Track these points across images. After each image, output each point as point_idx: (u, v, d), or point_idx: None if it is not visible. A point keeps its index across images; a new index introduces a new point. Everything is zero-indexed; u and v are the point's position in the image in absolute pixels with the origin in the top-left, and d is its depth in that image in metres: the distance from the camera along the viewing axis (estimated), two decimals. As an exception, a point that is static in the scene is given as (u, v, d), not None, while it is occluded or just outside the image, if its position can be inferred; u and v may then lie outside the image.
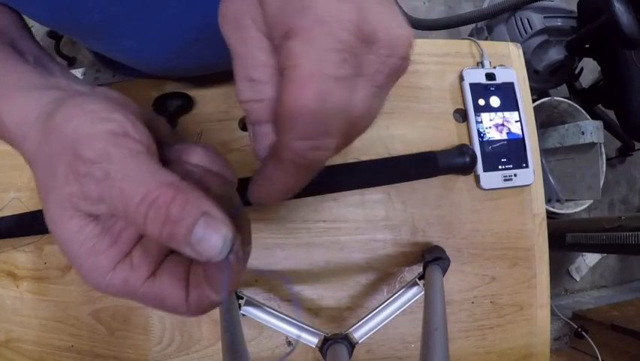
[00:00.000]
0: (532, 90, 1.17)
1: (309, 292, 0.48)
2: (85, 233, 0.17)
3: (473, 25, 1.27)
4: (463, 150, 0.48)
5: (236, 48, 0.18)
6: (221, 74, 0.47)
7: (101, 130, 0.17)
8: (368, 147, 0.49)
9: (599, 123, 1.17)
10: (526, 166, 0.50)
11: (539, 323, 0.50)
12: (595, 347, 1.03)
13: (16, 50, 0.25)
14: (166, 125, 0.23)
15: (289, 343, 0.47)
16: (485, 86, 0.51)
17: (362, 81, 0.16)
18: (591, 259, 1.47)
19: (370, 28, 0.15)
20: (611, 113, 1.25)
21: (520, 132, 0.51)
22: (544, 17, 1.11)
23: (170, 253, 0.19)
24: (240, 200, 0.21)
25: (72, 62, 1.30)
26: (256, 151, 0.19)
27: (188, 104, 0.48)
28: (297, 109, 0.15)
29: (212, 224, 0.16)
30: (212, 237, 0.16)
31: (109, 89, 0.22)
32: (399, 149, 0.50)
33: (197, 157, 0.20)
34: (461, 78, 0.52)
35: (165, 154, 0.20)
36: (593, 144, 1.17)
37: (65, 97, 0.20)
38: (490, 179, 0.50)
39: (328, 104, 0.15)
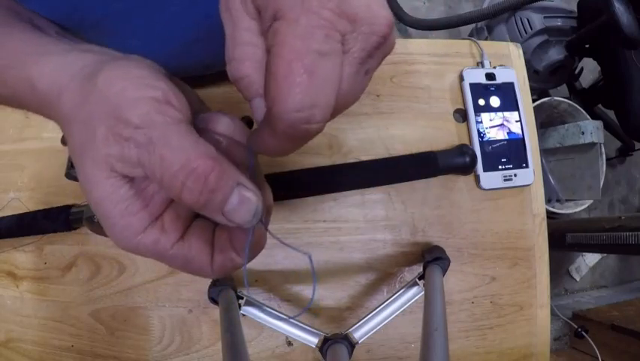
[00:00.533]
0: (532, 90, 1.17)
1: (309, 292, 0.48)
2: (119, 194, 0.18)
3: (473, 25, 1.27)
4: (463, 150, 0.48)
5: (227, 31, 0.19)
6: (222, 73, 0.47)
7: (146, 96, 0.18)
8: (368, 147, 0.49)
9: (599, 123, 1.17)
10: (526, 166, 0.50)
11: (539, 323, 0.50)
12: (595, 347, 1.03)
13: (36, 27, 0.25)
14: (194, 92, 0.23)
15: (289, 343, 0.47)
16: (485, 86, 0.51)
17: (346, 57, 0.17)
18: (591, 259, 1.47)
19: (351, 7, 0.16)
20: (611, 113, 1.25)
21: (520, 132, 0.51)
22: (544, 17, 1.11)
23: (197, 218, 0.20)
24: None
25: (72, 62, 1.30)
26: (257, 123, 0.19)
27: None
28: (285, 82, 0.16)
29: (245, 194, 0.17)
30: (244, 206, 0.17)
31: (144, 58, 0.22)
32: (399, 149, 0.50)
33: (223, 126, 0.21)
34: (461, 78, 0.52)
35: (195, 123, 0.20)
36: (593, 144, 1.17)
37: (107, 60, 0.20)
38: (490, 179, 0.50)
39: (314, 77, 0.16)
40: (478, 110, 0.51)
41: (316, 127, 0.17)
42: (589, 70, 1.36)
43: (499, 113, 0.51)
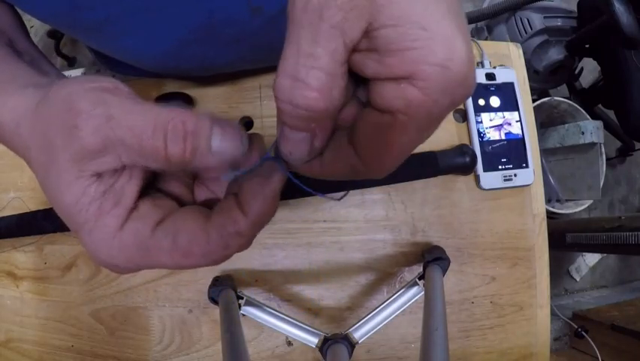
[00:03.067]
0: (532, 90, 1.17)
1: (309, 292, 0.48)
2: (90, 194, 0.17)
3: (473, 25, 1.27)
4: (463, 150, 0.48)
5: (294, 38, 0.15)
6: (221, 74, 0.47)
7: (93, 86, 0.17)
8: (368, 147, 0.49)
9: (599, 123, 1.17)
10: (526, 166, 0.50)
11: (539, 323, 0.50)
12: (595, 347, 1.03)
13: (14, 50, 0.26)
14: None
15: (289, 343, 0.47)
16: (485, 86, 0.51)
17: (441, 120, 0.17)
18: (591, 259, 1.47)
19: (474, 82, 0.16)
20: (611, 113, 1.25)
21: (520, 132, 0.51)
22: (544, 17, 1.11)
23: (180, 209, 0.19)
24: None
25: (72, 62, 1.30)
26: (283, 154, 0.18)
27: (188, 104, 0.48)
28: (396, 151, 0.17)
29: (224, 127, 0.17)
30: (229, 137, 0.17)
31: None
32: (399, 149, 0.50)
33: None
34: (461, 78, 0.52)
35: None
36: (593, 144, 1.17)
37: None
38: (490, 179, 0.49)
39: (410, 150, 0.17)
40: (478, 110, 0.51)
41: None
42: (589, 70, 1.36)
43: (499, 113, 0.51)
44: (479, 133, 0.50)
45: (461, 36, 0.15)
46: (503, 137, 0.51)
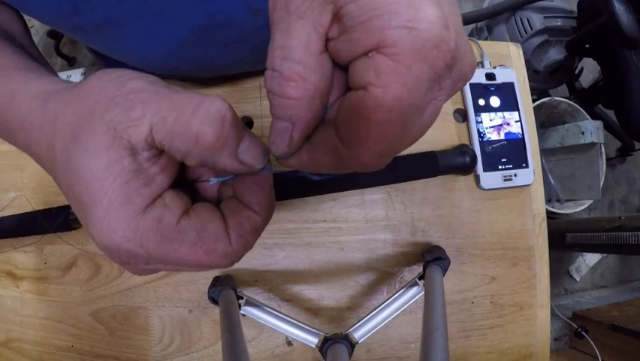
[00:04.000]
0: (532, 90, 1.17)
1: (309, 292, 0.48)
2: (122, 165, 0.16)
3: (473, 25, 1.27)
4: (463, 150, 0.48)
5: (275, 34, 0.16)
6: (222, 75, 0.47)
7: (141, 77, 0.18)
8: (368, 147, 0.49)
9: (599, 123, 1.17)
10: (526, 166, 0.50)
11: (539, 322, 0.50)
12: (595, 347, 1.03)
13: (26, 53, 0.26)
14: None
15: (289, 343, 0.47)
16: (485, 86, 0.51)
17: (432, 104, 0.16)
18: (591, 259, 1.47)
19: (460, 56, 0.15)
20: (611, 113, 1.25)
21: (520, 132, 0.51)
22: (544, 17, 1.11)
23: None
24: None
25: (72, 62, 1.30)
26: (273, 144, 0.18)
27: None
28: (378, 130, 0.15)
29: (254, 139, 0.18)
30: (254, 146, 0.18)
31: None
32: (399, 149, 0.50)
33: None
34: (461, 78, 0.52)
35: None
36: (593, 144, 1.17)
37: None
38: (490, 179, 0.49)
39: (405, 130, 0.15)
40: (478, 110, 0.51)
41: (382, 165, 0.17)
42: (589, 70, 1.36)
43: (499, 113, 0.51)
44: (479, 133, 0.50)
45: None
46: (503, 137, 0.51)
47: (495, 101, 0.51)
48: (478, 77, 0.51)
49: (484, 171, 0.49)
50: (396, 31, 0.14)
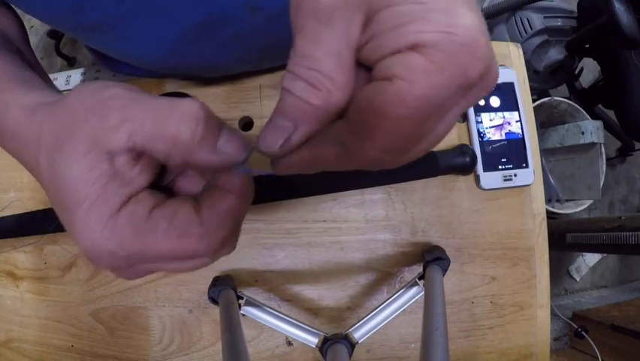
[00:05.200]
0: (532, 90, 1.17)
1: (309, 292, 0.48)
2: (100, 169, 0.17)
3: (473, 25, 1.27)
4: (463, 150, 0.48)
5: (304, 45, 0.16)
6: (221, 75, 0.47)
7: (120, 86, 0.18)
8: (368, 147, 0.49)
9: (599, 123, 1.17)
10: (526, 166, 0.50)
11: (539, 322, 0.50)
12: (595, 347, 1.03)
13: (24, 60, 0.27)
14: None
15: (289, 343, 0.47)
16: (485, 86, 0.51)
17: (452, 112, 0.16)
18: (591, 259, 1.47)
19: (492, 66, 0.15)
20: (611, 113, 1.25)
21: (520, 132, 0.51)
22: (544, 17, 1.11)
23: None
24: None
25: (72, 62, 1.30)
26: (264, 138, 0.18)
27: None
28: (394, 124, 0.14)
29: (232, 133, 0.18)
30: (233, 141, 0.18)
31: None
32: (399, 149, 0.50)
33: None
34: (461, 78, 0.52)
35: None
36: (593, 144, 1.17)
37: None
38: (490, 179, 0.49)
39: (421, 129, 0.15)
40: (478, 110, 0.51)
41: (386, 165, 0.16)
42: (589, 70, 1.36)
43: (499, 113, 0.51)
44: (479, 133, 0.50)
45: (463, 4, 0.14)
46: (503, 137, 0.51)
47: (495, 101, 0.51)
48: (478, 77, 0.51)
49: (484, 171, 0.49)
50: (434, 34, 0.14)
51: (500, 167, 0.50)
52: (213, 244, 0.18)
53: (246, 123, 0.50)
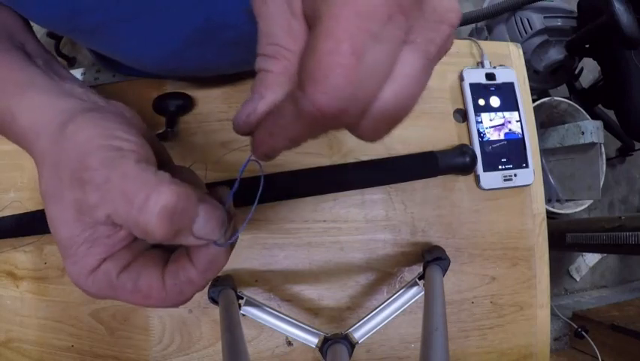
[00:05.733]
0: (532, 90, 1.17)
1: (309, 292, 0.48)
2: (83, 237, 0.19)
3: (473, 25, 1.27)
4: (463, 150, 0.48)
5: (260, 25, 0.18)
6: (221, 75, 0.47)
7: (109, 144, 0.19)
8: (368, 147, 0.49)
9: (599, 123, 1.17)
10: (526, 166, 0.50)
11: (539, 323, 0.50)
12: (595, 347, 1.03)
13: (26, 54, 0.26)
14: (165, 151, 0.25)
15: (289, 343, 0.47)
16: (485, 86, 0.51)
17: (411, 49, 0.15)
18: (591, 259, 1.47)
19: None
20: (611, 113, 1.25)
21: (520, 132, 0.51)
22: (544, 17, 1.11)
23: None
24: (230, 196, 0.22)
25: (72, 62, 1.30)
26: (236, 116, 0.18)
27: (188, 104, 0.48)
28: (327, 59, 0.13)
29: (210, 209, 0.18)
30: (213, 221, 0.18)
31: (124, 106, 0.23)
32: (399, 149, 0.50)
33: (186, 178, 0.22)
34: (461, 78, 0.52)
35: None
36: (593, 144, 1.17)
37: (80, 109, 0.21)
38: (490, 179, 0.50)
39: (362, 63, 0.13)
40: (478, 110, 0.51)
41: (348, 120, 0.15)
42: (589, 70, 1.37)
43: (499, 113, 0.51)
44: (479, 133, 0.50)
45: None
46: (503, 137, 0.51)
47: (495, 101, 0.51)
48: (478, 77, 0.51)
49: (484, 171, 0.49)
50: None
51: (500, 167, 0.50)
52: (175, 303, 0.20)
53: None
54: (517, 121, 0.51)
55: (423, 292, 0.40)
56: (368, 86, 0.14)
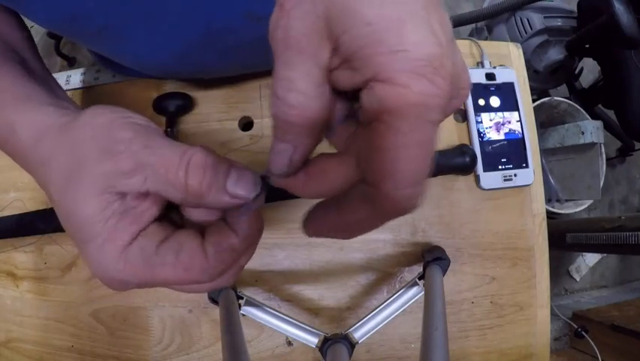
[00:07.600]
0: (532, 90, 1.17)
1: (309, 292, 0.48)
2: (112, 209, 0.18)
3: (473, 25, 1.27)
4: (463, 149, 0.48)
5: (279, 64, 0.17)
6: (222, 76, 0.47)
7: (130, 120, 0.19)
8: (368, 147, 0.50)
9: (599, 123, 1.17)
10: (526, 166, 0.50)
11: (539, 323, 0.50)
12: (595, 347, 1.03)
13: (26, 70, 0.27)
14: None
15: (289, 343, 0.47)
16: (485, 86, 0.51)
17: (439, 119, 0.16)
18: (591, 259, 1.47)
19: (459, 72, 0.15)
20: (611, 113, 1.25)
21: (520, 132, 0.51)
22: (544, 17, 1.11)
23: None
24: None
25: (72, 62, 1.30)
26: (272, 163, 0.19)
27: (188, 104, 0.48)
28: (401, 157, 0.15)
29: (241, 172, 0.19)
30: (244, 178, 0.19)
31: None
32: (399, 149, 0.50)
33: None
34: (461, 78, 0.52)
35: None
36: (593, 144, 1.17)
37: (80, 112, 0.21)
38: (490, 179, 0.49)
39: (427, 149, 0.15)
40: (478, 110, 0.51)
41: (419, 201, 0.16)
42: (589, 70, 1.36)
43: (499, 113, 0.51)
44: (479, 133, 0.50)
45: (411, 18, 0.14)
46: (503, 137, 0.51)
47: (495, 101, 0.51)
48: (478, 77, 0.51)
49: (484, 171, 0.49)
50: (386, 56, 0.14)
51: (500, 167, 0.50)
52: (214, 274, 0.20)
53: (246, 123, 0.50)
54: (517, 121, 0.51)
55: (423, 292, 0.40)
56: (429, 166, 0.16)
